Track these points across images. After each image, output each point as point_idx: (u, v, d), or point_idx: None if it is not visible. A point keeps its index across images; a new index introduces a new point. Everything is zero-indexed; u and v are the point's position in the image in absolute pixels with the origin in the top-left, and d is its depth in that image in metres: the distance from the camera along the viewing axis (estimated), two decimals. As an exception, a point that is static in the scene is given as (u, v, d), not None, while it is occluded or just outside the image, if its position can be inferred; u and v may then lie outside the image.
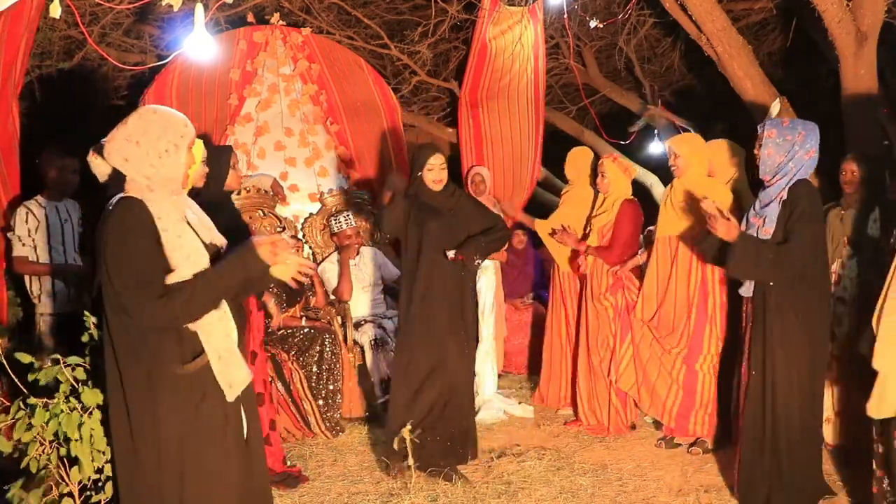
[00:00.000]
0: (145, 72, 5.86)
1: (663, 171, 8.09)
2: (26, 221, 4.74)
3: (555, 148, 7.68)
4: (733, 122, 7.75)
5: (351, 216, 5.57)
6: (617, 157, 5.30)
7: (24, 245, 4.74)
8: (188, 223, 2.50)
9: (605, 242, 4.95)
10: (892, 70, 7.06)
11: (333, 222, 5.54)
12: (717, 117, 8.82)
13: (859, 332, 3.23)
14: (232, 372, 2.48)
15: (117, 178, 2.48)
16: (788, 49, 7.61)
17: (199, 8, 3.73)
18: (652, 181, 8.04)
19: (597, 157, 5.49)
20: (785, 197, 3.57)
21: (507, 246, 6.44)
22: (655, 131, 8.59)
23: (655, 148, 8.57)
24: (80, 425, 2.69)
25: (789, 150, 3.57)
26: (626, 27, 7.45)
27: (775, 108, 5.75)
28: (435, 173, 4.27)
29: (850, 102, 5.56)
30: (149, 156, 2.41)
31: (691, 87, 8.86)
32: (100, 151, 2.51)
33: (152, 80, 5.67)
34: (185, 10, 3.93)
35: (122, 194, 2.43)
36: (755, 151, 3.72)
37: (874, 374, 3.08)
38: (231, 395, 2.49)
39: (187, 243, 2.43)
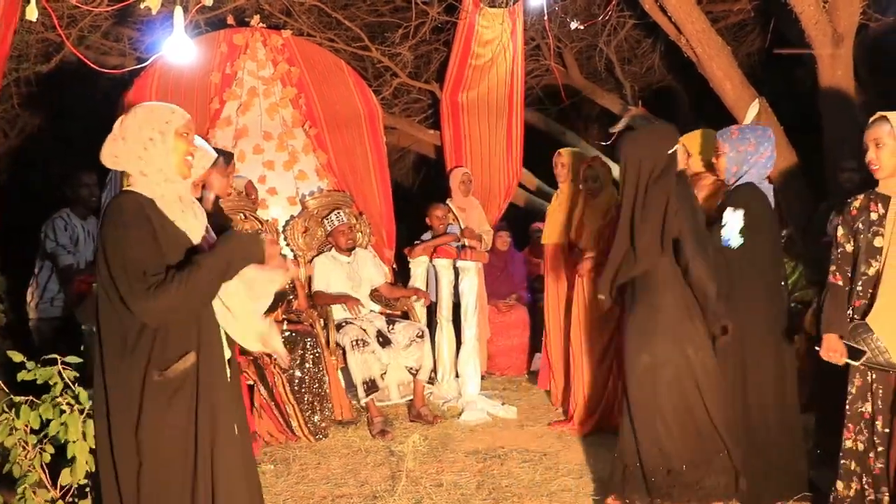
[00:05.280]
0: (125, 75, 5.82)
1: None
2: (65, 230, 5.00)
3: (536, 150, 7.71)
4: (713, 122, 7.80)
5: (342, 213, 5.58)
6: (602, 159, 5.33)
7: (69, 253, 5.05)
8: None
9: (607, 245, 4.91)
10: (867, 70, 7.13)
11: (327, 222, 5.54)
12: (698, 118, 8.88)
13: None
14: (249, 326, 2.52)
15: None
16: (767, 50, 7.67)
17: (179, 10, 3.72)
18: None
19: (578, 157, 5.51)
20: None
21: (490, 247, 6.49)
22: (636, 132, 8.62)
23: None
24: (83, 423, 2.67)
25: (744, 160, 3.73)
26: (607, 28, 7.48)
27: (754, 108, 5.80)
28: None
29: (828, 103, 5.62)
30: (135, 148, 2.40)
31: (672, 87, 8.91)
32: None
33: (132, 84, 5.63)
34: (164, 12, 3.92)
35: (126, 187, 2.45)
36: (713, 160, 3.89)
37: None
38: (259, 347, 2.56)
39: (177, 230, 2.43)
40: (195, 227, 2.50)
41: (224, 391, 2.49)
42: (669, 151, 3.56)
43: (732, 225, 3.52)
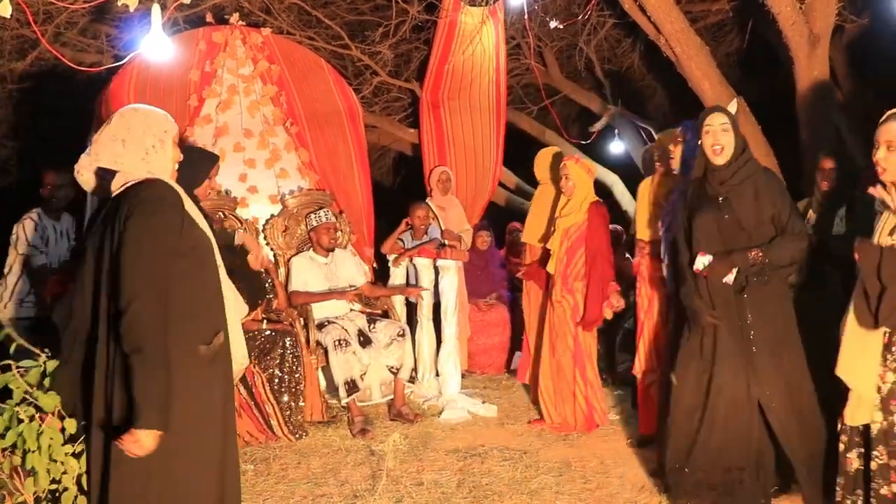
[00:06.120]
0: (102, 72, 5.78)
1: (623, 169, 8.21)
2: (35, 230, 5.00)
3: (516, 149, 7.74)
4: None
5: (329, 212, 5.56)
6: (579, 159, 5.34)
7: (42, 253, 5.06)
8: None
9: (571, 245, 4.93)
10: (843, 71, 7.21)
11: (314, 217, 5.52)
12: (678, 117, 8.95)
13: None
14: (241, 345, 2.64)
15: (104, 185, 2.51)
16: (746, 50, 7.74)
17: (156, 8, 3.70)
18: (612, 180, 8.13)
19: (557, 157, 5.54)
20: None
21: (469, 246, 6.51)
22: (616, 131, 8.68)
23: (616, 147, 8.66)
24: (38, 434, 2.62)
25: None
26: (587, 28, 7.51)
27: (732, 108, 5.84)
28: (711, 137, 3.50)
29: (804, 103, 5.68)
30: (137, 152, 2.48)
31: (652, 86, 8.97)
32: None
33: (109, 81, 5.58)
34: (142, 9, 3.89)
35: (134, 180, 2.43)
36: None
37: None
38: (238, 368, 2.62)
39: (195, 222, 2.50)
40: (203, 223, 2.58)
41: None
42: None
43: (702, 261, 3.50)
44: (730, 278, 3.41)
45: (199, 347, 2.42)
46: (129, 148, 2.47)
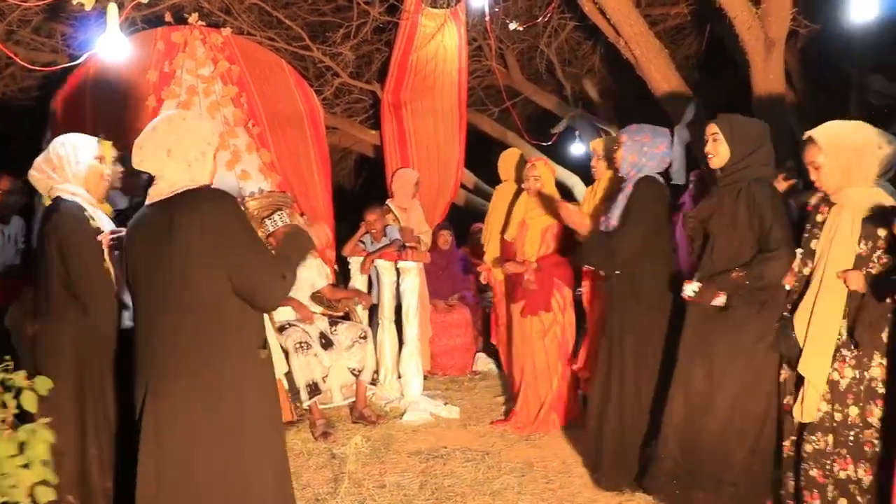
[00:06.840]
0: (57, 72, 5.68)
1: (584, 171, 8.28)
2: None
3: (478, 150, 7.75)
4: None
5: (285, 214, 5.50)
6: (547, 161, 5.40)
7: None
8: None
9: (550, 248, 4.96)
10: (797, 75, 7.35)
11: (269, 222, 5.45)
12: (638, 118, 9.03)
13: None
14: None
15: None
16: (704, 53, 7.85)
17: (112, 7, 3.64)
18: (573, 182, 8.19)
19: (522, 158, 5.59)
20: (630, 191, 3.97)
21: (429, 247, 6.50)
22: (576, 133, 8.75)
23: (577, 149, 8.73)
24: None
25: (639, 150, 3.99)
26: (548, 30, 7.56)
27: (690, 110, 5.93)
28: (705, 145, 3.57)
29: (761, 105, 5.77)
30: (181, 164, 2.59)
31: (612, 89, 9.05)
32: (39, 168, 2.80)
33: (65, 81, 5.48)
34: (99, 8, 3.82)
35: (184, 187, 2.56)
36: (614, 155, 4.13)
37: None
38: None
39: None
40: None
41: None
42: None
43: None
44: (720, 301, 3.39)
45: (258, 350, 2.62)
46: (174, 158, 2.57)
